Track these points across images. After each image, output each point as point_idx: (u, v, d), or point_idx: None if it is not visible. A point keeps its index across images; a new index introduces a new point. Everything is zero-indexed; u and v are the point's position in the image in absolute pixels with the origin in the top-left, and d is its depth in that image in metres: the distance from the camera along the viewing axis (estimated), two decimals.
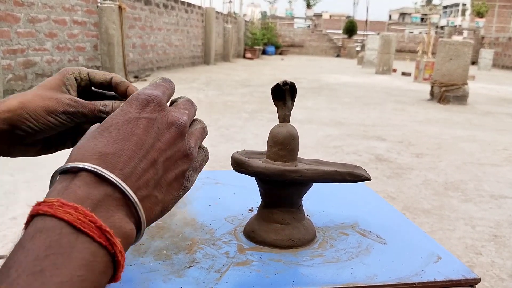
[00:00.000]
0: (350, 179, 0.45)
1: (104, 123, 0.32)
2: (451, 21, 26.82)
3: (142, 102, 0.33)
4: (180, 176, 0.34)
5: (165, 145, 0.32)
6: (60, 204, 0.25)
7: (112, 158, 0.29)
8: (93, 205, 0.26)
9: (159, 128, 0.32)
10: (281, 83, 0.44)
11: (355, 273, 0.40)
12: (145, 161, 0.31)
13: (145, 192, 0.30)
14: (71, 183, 0.27)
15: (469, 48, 6.03)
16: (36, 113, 0.42)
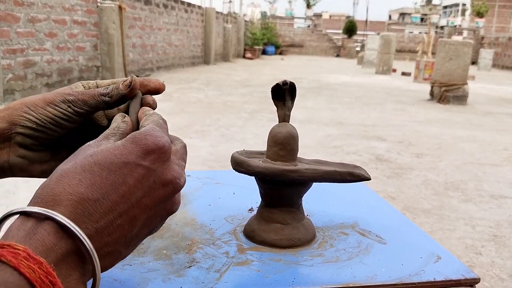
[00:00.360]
0: (350, 179, 0.45)
1: (101, 153, 0.29)
2: (451, 21, 26.82)
3: (148, 147, 0.30)
4: (152, 231, 0.32)
5: (153, 203, 0.30)
6: (25, 256, 0.23)
7: (92, 205, 0.27)
8: (57, 260, 0.25)
9: (154, 182, 0.29)
10: (281, 83, 0.44)
11: (355, 273, 0.40)
12: (125, 217, 0.28)
13: (111, 248, 0.28)
14: (40, 227, 0.25)
15: (469, 48, 6.03)
16: (35, 104, 0.38)
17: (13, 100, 4.46)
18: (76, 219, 0.26)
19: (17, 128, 0.38)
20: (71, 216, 0.26)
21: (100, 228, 0.27)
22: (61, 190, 0.26)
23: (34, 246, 0.24)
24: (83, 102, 0.39)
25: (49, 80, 5.11)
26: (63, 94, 0.39)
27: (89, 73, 6.00)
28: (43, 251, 0.24)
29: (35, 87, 4.85)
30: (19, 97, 4.58)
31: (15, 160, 0.39)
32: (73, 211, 0.26)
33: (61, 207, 0.26)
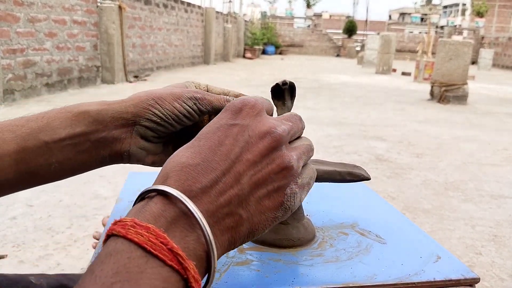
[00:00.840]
0: (349, 179, 0.45)
1: (201, 131, 0.31)
2: (451, 21, 26.82)
3: (236, 107, 0.31)
4: (275, 193, 0.30)
5: (256, 157, 0.29)
6: (132, 224, 0.24)
7: (193, 170, 0.27)
8: (167, 224, 0.25)
9: (250, 136, 0.29)
10: (281, 83, 0.44)
11: (355, 273, 0.40)
12: (229, 175, 0.28)
13: (227, 210, 0.28)
14: (150, 201, 0.26)
15: (469, 48, 6.03)
16: (163, 99, 0.39)
17: (13, 100, 4.46)
18: (182, 185, 0.27)
19: (141, 121, 0.39)
20: (176, 183, 0.27)
21: (206, 188, 0.27)
22: (168, 167, 0.28)
23: (142, 216, 0.25)
24: (209, 102, 0.41)
25: (49, 80, 5.11)
26: (190, 91, 0.41)
27: (89, 73, 6.00)
28: (151, 218, 0.25)
29: (35, 87, 4.85)
30: (19, 97, 4.58)
31: (135, 151, 0.41)
32: (177, 179, 0.27)
33: (169, 179, 0.27)
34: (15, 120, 0.38)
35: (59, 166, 0.38)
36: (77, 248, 1.59)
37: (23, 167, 0.37)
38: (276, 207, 0.30)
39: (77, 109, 0.39)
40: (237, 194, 0.28)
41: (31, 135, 0.37)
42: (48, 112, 0.39)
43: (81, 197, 2.06)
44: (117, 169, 2.40)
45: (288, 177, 0.30)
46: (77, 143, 0.38)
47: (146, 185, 0.62)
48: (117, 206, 0.55)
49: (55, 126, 0.38)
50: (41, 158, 0.37)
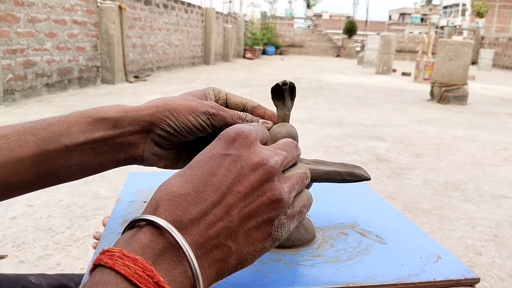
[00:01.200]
0: (349, 179, 0.45)
1: (194, 158, 0.31)
2: (451, 21, 26.82)
3: (229, 137, 0.31)
4: (264, 225, 0.30)
5: (247, 189, 0.29)
6: (120, 256, 0.24)
7: (183, 200, 0.27)
8: (155, 256, 0.25)
9: (242, 167, 0.29)
10: (281, 83, 0.44)
11: (355, 273, 0.40)
12: (219, 206, 0.28)
13: (215, 242, 0.28)
14: (139, 231, 0.26)
15: (469, 48, 6.03)
16: (178, 111, 0.41)
17: (13, 100, 4.46)
18: (171, 215, 0.27)
19: (155, 130, 0.41)
20: (165, 213, 0.27)
21: (196, 219, 0.27)
22: (159, 196, 0.28)
23: (130, 247, 0.25)
24: (222, 118, 0.42)
25: (49, 80, 5.11)
26: (206, 105, 0.42)
27: (89, 73, 6.00)
28: (139, 249, 0.25)
29: (35, 87, 4.85)
30: (19, 97, 4.58)
31: (148, 156, 0.43)
32: (167, 209, 0.27)
33: (159, 208, 0.27)
34: (36, 122, 0.39)
35: (78, 168, 0.40)
36: (77, 248, 1.59)
37: (43, 168, 0.39)
38: (264, 238, 0.30)
39: (97, 114, 0.40)
40: (227, 226, 0.28)
41: (52, 138, 0.39)
42: (68, 117, 0.40)
43: (81, 197, 2.06)
44: (117, 169, 2.40)
45: (278, 209, 0.30)
46: (95, 147, 0.40)
47: (146, 185, 0.62)
48: (117, 206, 0.55)
49: (75, 130, 0.39)
50: (61, 160, 0.39)
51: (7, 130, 0.38)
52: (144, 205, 0.55)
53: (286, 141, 0.35)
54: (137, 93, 5.66)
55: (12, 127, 0.39)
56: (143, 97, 5.24)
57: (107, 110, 0.41)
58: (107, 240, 0.45)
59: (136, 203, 0.56)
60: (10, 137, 0.38)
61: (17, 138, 0.38)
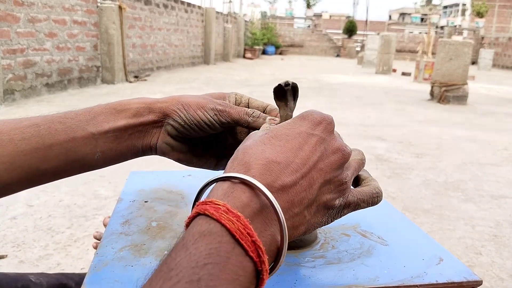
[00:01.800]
0: None
1: (273, 130, 0.33)
2: (451, 21, 26.82)
3: (315, 119, 0.34)
4: (329, 203, 0.33)
5: (327, 168, 0.32)
6: (225, 210, 0.26)
7: (278, 167, 0.30)
8: (252, 215, 0.27)
9: (325, 149, 0.33)
10: (283, 84, 0.43)
11: (357, 275, 0.39)
12: (306, 178, 0.31)
13: (298, 210, 0.30)
14: (237, 187, 0.28)
15: (469, 48, 6.03)
16: (189, 105, 0.44)
17: (13, 100, 4.46)
18: (265, 179, 0.29)
19: (169, 120, 0.45)
20: (261, 176, 0.29)
21: (287, 187, 0.29)
22: (250, 158, 0.30)
23: (232, 202, 0.27)
24: (228, 114, 0.45)
25: (49, 80, 5.11)
26: (214, 103, 0.45)
27: (89, 73, 6.00)
28: (240, 206, 0.27)
29: (35, 87, 4.85)
30: (19, 97, 4.58)
31: (162, 145, 0.46)
32: (262, 172, 0.29)
33: (252, 170, 0.29)
34: (65, 113, 0.43)
35: (102, 155, 0.44)
36: (77, 248, 1.59)
37: (71, 155, 0.42)
38: (325, 214, 0.34)
39: (120, 106, 0.44)
40: (308, 197, 0.31)
41: (79, 127, 0.42)
42: (94, 108, 0.44)
43: (81, 197, 2.06)
44: (117, 169, 2.40)
45: (342, 192, 0.34)
46: (118, 135, 0.44)
47: (147, 184, 0.62)
48: (118, 205, 0.54)
49: (100, 120, 0.43)
50: (87, 148, 0.43)
51: (38, 119, 0.41)
52: (145, 205, 0.54)
53: None
54: (137, 93, 5.66)
55: (42, 117, 0.42)
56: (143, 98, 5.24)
57: (129, 102, 0.45)
58: (108, 240, 0.45)
59: (137, 202, 0.56)
60: (40, 125, 0.41)
61: (47, 126, 0.41)
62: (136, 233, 0.47)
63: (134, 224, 0.49)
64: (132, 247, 0.44)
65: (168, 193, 0.59)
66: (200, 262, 0.23)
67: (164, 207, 0.54)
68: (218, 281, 0.23)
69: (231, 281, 0.24)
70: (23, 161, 0.40)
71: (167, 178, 0.65)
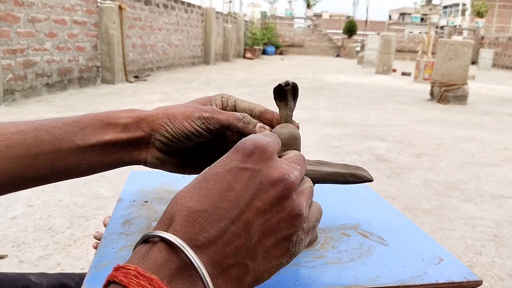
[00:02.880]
0: (352, 181, 0.44)
1: (209, 169, 0.29)
2: (451, 21, 26.82)
3: (246, 149, 0.29)
4: (282, 242, 0.29)
5: (266, 205, 0.28)
6: (135, 274, 0.24)
7: (202, 216, 0.26)
8: (170, 276, 0.24)
9: (261, 182, 0.28)
10: (283, 84, 0.43)
11: (357, 275, 0.39)
12: (237, 224, 0.27)
13: (233, 260, 0.27)
14: (154, 247, 0.26)
15: (469, 48, 6.03)
16: (174, 117, 0.43)
17: (13, 100, 4.46)
18: (188, 233, 0.26)
19: (156, 135, 0.43)
20: (182, 230, 0.26)
21: (213, 238, 0.26)
22: (174, 210, 0.27)
23: (146, 265, 0.24)
24: (216, 120, 0.43)
25: (49, 80, 5.11)
26: (200, 110, 0.43)
27: (89, 73, 6.00)
28: (155, 268, 0.24)
29: (35, 87, 4.85)
30: (19, 97, 4.58)
31: (151, 160, 0.45)
32: (184, 225, 0.26)
33: (174, 224, 0.26)
34: (52, 121, 0.42)
35: (88, 166, 0.43)
36: (77, 248, 1.59)
37: (57, 165, 0.41)
38: (282, 255, 0.30)
39: (108, 119, 0.43)
40: (245, 244, 0.27)
41: (66, 138, 0.41)
42: (82, 118, 0.43)
43: (81, 197, 2.06)
44: (118, 169, 2.40)
45: (297, 225, 0.30)
46: (105, 149, 0.43)
47: (147, 184, 0.62)
48: (118, 205, 0.54)
49: (88, 132, 0.42)
50: (73, 159, 0.42)
51: (25, 126, 0.41)
52: (145, 205, 0.54)
53: (297, 155, 0.34)
54: (137, 93, 5.66)
55: (29, 124, 0.41)
56: (143, 97, 5.24)
57: (118, 116, 0.43)
58: (108, 240, 0.45)
59: (137, 202, 0.56)
60: (26, 133, 0.40)
61: (34, 135, 0.40)
62: (136, 233, 0.47)
63: (134, 224, 0.49)
64: (132, 247, 0.44)
65: (168, 193, 0.59)
66: None
67: (164, 207, 0.54)
68: None
69: None
70: (7, 168, 0.39)
71: (167, 178, 0.65)
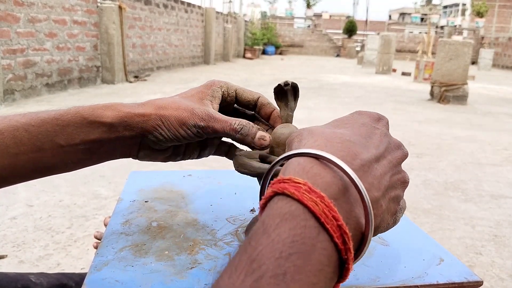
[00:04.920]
0: None
1: (335, 120, 0.32)
2: (451, 21, 26.82)
3: (374, 116, 0.33)
4: (396, 199, 0.30)
5: (394, 160, 0.31)
6: (307, 189, 0.23)
7: (354, 146, 0.28)
8: (336, 195, 0.24)
9: (389, 142, 0.31)
10: (283, 84, 0.43)
11: (358, 275, 0.39)
12: (380, 164, 0.29)
13: (376, 194, 0.27)
14: (317, 165, 0.25)
15: (469, 48, 6.03)
16: (169, 123, 0.41)
17: (13, 100, 4.46)
18: (344, 157, 0.26)
19: (148, 136, 0.42)
20: (339, 153, 0.27)
21: (365, 166, 0.27)
22: (321, 137, 0.28)
23: (313, 180, 0.24)
24: (213, 130, 0.41)
25: (49, 80, 5.11)
26: (196, 118, 0.41)
27: (89, 73, 6.00)
28: (322, 185, 0.24)
29: (35, 87, 4.85)
30: (19, 97, 4.57)
31: (143, 156, 0.45)
32: (340, 149, 0.27)
33: (328, 147, 0.27)
34: (30, 118, 0.39)
35: (73, 164, 0.41)
36: (77, 248, 1.59)
37: (39, 164, 0.40)
38: (393, 213, 0.30)
39: (92, 117, 0.40)
40: (384, 184, 0.28)
41: (47, 137, 0.39)
42: (63, 115, 0.40)
43: (81, 197, 2.06)
44: (117, 169, 2.40)
45: (404, 190, 0.32)
46: (90, 148, 0.41)
47: (148, 184, 0.62)
48: (118, 205, 0.54)
49: (70, 131, 0.39)
50: (56, 159, 0.40)
51: (2, 125, 0.38)
52: (145, 205, 0.54)
53: None
54: (137, 93, 5.66)
55: (6, 122, 0.38)
56: (143, 97, 5.24)
57: (102, 113, 0.40)
58: (108, 240, 0.45)
59: (137, 202, 0.56)
60: (4, 132, 0.38)
61: (12, 135, 0.38)
62: (136, 233, 0.47)
63: (134, 224, 0.49)
64: (133, 247, 0.44)
65: (168, 193, 0.59)
66: (284, 252, 0.21)
67: (164, 207, 0.54)
68: (304, 274, 0.21)
69: (317, 273, 0.21)
70: None
71: (167, 178, 0.65)
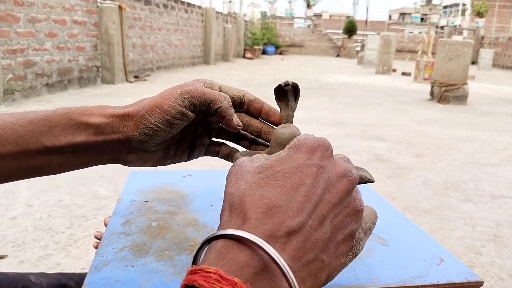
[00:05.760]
0: None
1: (269, 168, 0.29)
2: (451, 21, 26.82)
3: (310, 147, 0.30)
4: (348, 238, 0.29)
5: (335, 199, 0.28)
6: (217, 278, 0.22)
7: (280, 211, 0.26)
8: (254, 276, 0.23)
9: (329, 177, 0.29)
10: (283, 84, 0.43)
11: (358, 276, 0.39)
12: (314, 217, 0.27)
13: (312, 255, 0.26)
14: (233, 246, 0.24)
15: (469, 48, 6.03)
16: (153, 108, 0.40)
17: (13, 100, 4.46)
18: (267, 229, 0.25)
19: (135, 135, 0.40)
20: (262, 226, 0.25)
21: (294, 231, 0.25)
22: (247, 207, 0.26)
23: (226, 267, 0.23)
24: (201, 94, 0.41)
25: (49, 80, 5.11)
26: (181, 87, 0.41)
27: (89, 73, 6.00)
28: (237, 269, 0.23)
29: (35, 87, 4.85)
30: (19, 97, 4.57)
31: (132, 159, 0.43)
32: (262, 222, 0.25)
33: (251, 221, 0.25)
34: (17, 118, 0.38)
35: (59, 166, 0.40)
36: (77, 248, 1.59)
37: (24, 164, 0.38)
38: (347, 251, 0.30)
39: (79, 118, 0.39)
40: (322, 238, 0.27)
41: (33, 138, 0.38)
42: (51, 116, 0.39)
43: (81, 197, 2.06)
44: (117, 169, 2.40)
45: (358, 221, 0.30)
46: (76, 150, 0.40)
47: (147, 184, 0.62)
48: (118, 205, 0.54)
49: (56, 132, 0.39)
50: (42, 159, 0.39)
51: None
52: (145, 205, 0.54)
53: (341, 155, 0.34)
54: (137, 93, 5.66)
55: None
56: (143, 97, 5.24)
57: (90, 115, 0.40)
58: (108, 240, 0.45)
59: (137, 202, 0.55)
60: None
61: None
62: (136, 233, 0.47)
63: (134, 224, 0.49)
64: (133, 247, 0.44)
65: (169, 193, 0.59)
66: None
67: (164, 207, 0.54)
68: None
69: None
70: None
71: (167, 178, 0.65)
